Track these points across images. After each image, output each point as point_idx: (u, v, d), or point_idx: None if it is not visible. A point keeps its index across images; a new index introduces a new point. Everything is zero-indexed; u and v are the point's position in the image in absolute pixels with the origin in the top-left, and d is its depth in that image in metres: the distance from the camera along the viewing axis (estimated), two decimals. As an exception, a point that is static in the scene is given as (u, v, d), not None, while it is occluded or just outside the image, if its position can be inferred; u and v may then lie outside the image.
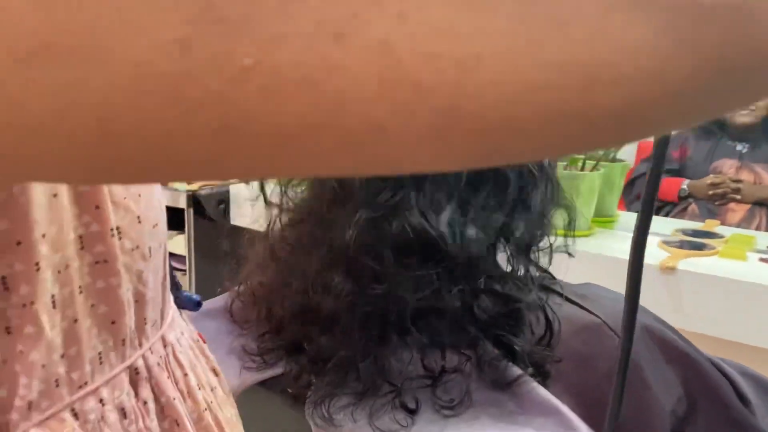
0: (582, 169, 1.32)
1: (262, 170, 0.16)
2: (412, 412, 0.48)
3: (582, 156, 1.32)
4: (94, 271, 0.30)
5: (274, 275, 0.54)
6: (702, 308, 1.19)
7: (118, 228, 0.30)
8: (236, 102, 0.13)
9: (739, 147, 1.79)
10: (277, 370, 0.53)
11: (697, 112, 0.16)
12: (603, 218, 1.44)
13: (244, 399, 0.54)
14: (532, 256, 0.58)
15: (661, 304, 1.21)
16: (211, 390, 0.38)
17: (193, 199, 1.65)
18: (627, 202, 1.89)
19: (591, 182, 1.32)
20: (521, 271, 0.56)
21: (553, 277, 0.61)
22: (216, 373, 0.40)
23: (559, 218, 0.68)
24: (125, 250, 0.31)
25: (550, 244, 0.61)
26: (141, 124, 0.13)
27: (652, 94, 0.14)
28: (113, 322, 0.31)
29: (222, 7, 0.12)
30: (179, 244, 1.73)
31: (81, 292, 0.29)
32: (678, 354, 0.57)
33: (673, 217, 1.79)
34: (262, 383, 0.54)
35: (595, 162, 1.34)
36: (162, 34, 0.12)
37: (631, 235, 1.25)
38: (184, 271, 1.69)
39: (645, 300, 1.25)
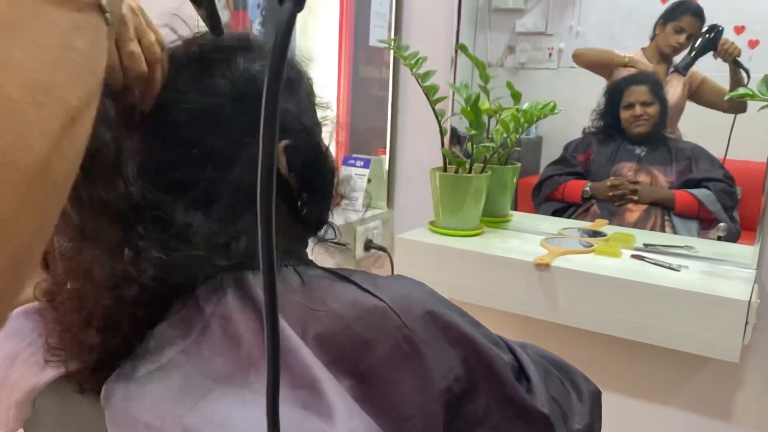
0: (469, 171, 1.38)
1: None
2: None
3: (467, 160, 1.38)
4: None
5: (64, 274, 0.58)
6: (575, 303, 1.25)
7: None
8: None
9: (638, 150, 1.88)
10: (74, 365, 0.57)
11: None
12: (496, 218, 1.51)
13: (47, 393, 0.58)
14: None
15: (537, 299, 1.27)
16: None
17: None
18: (536, 204, 1.97)
19: (478, 184, 1.38)
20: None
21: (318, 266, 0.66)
22: None
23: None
24: None
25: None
26: None
27: None
28: None
29: None
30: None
31: None
32: (459, 336, 0.61)
33: (576, 217, 1.86)
34: (66, 377, 0.58)
35: (482, 165, 1.40)
36: None
37: (521, 234, 1.32)
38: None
39: (521, 295, 1.31)
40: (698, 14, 1.88)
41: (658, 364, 1.37)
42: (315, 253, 0.72)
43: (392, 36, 1.82)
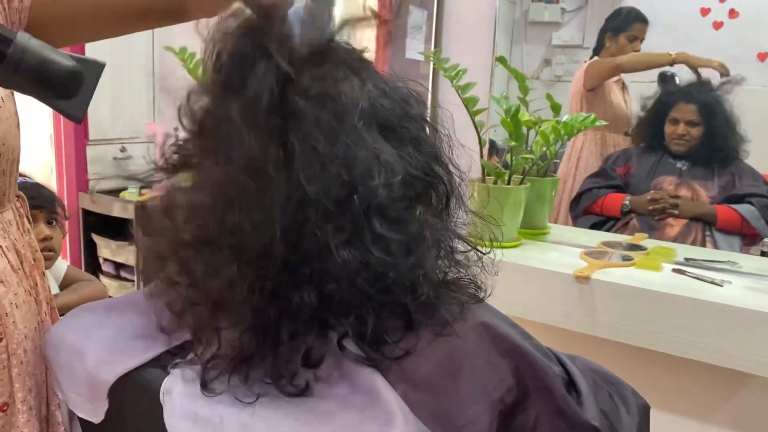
0: (508, 183, 1.38)
1: None
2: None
3: (506, 171, 1.38)
4: None
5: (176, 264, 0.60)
6: (614, 316, 1.24)
7: None
8: None
9: (678, 165, 1.85)
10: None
11: None
12: (534, 230, 1.50)
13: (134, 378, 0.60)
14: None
15: (576, 311, 1.26)
16: None
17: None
18: (573, 217, 1.95)
19: (517, 195, 1.38)
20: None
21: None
22: None
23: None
24: None
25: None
26: None
27: None
28: None
29: None
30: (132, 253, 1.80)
31: None
32: (511, 347, 0.61)
33: (615, 231, 1.84)
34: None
35: (521, 177, 1.40)
36: None
37: (559, 246, 1.30)
38: (133, 281, 1.75)
39: (560, 307, 1.30)
40: (644, 20, 1.90)
41: (699, 380, 1.35)
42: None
43: (429, 49, 1.83)
